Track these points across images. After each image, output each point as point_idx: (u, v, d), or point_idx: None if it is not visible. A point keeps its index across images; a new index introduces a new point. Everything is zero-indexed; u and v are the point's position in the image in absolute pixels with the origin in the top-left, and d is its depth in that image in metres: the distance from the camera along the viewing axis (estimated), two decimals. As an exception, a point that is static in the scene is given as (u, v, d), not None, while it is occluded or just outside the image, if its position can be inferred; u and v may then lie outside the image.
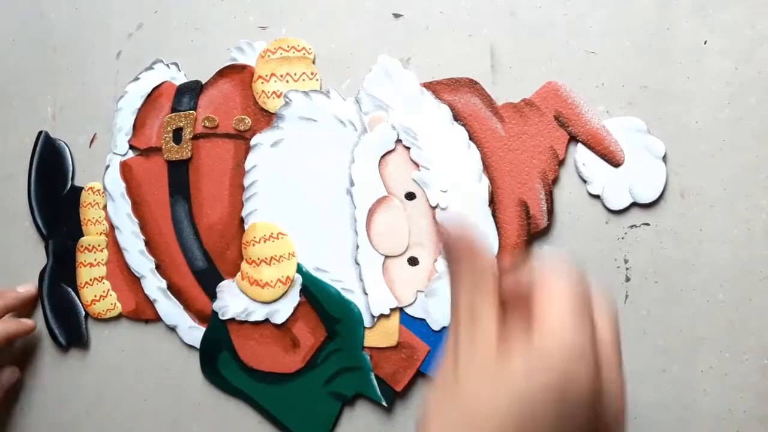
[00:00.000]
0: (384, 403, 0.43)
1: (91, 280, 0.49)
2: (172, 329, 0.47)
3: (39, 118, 0.52)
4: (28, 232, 0.52)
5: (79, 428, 0.49)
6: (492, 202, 0.41)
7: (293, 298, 0.44)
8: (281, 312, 0.45)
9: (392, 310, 0.43)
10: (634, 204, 0.40)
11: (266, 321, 0.45)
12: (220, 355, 0.46)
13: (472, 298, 0.24)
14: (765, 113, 0.38)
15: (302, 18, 0.46)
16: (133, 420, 0.48)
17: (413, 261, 0.43)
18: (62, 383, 0.50)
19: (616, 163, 0.40)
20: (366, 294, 0.43)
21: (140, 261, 0.48)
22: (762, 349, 0.38)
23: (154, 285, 0.47)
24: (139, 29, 0.50)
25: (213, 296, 0.46)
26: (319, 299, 0.44)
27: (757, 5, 0.39)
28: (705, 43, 0.39)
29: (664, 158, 0.40)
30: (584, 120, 0.41)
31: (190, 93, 0.47)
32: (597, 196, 0.41)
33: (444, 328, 0.42)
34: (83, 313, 0.49)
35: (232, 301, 0.45)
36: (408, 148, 0.43)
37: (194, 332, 0.47)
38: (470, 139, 0.42)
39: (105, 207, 0.49)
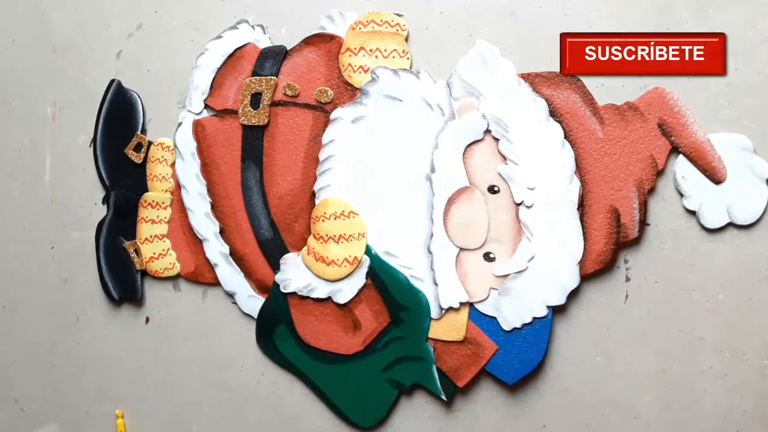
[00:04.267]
0: (443, 397, 0.42)
1: (151, 236, 0.48)
2: (230, 295, 0.47)
3: (39, 118, 0.51)
4: (28, 233, 0.51)
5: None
6: (581, 206, 0.40)
7: (359, 280, 0.43)
8: (345, 292, 0.44)
9: (462, 304, 0.41)
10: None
11: (328, 299, 0.44)
12: (277, 327, 0.45)
13: None
14: (765, 113, 0.39)
15: (302, 18, 0.46)
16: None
17: (489, 257, 0.41)
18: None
19: (716, 180, 0.39)
20: (436, 285, 0.42)
21: (204, 223, 0.47)
22: (762, 349, 0.39)
23: (216, 249, 0.47)
24: (139, 29, 0.49)
25: (276, 267, 0.45)
26: (386, 284, 0.43)
27: (757, 5, 0.39)
28: None
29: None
30: (689, 131, 0.39)
31: (273, 58, 0.46)
32: (693, 212, 0.39)
33: (515, 329, 0.41)
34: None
35: (295, 274, 0.45)
36: (497, 140, 0.41)
37: (253, 301, 0.46)
38: (565, 137, 0.40)
39: (173, 164, 0.48)
